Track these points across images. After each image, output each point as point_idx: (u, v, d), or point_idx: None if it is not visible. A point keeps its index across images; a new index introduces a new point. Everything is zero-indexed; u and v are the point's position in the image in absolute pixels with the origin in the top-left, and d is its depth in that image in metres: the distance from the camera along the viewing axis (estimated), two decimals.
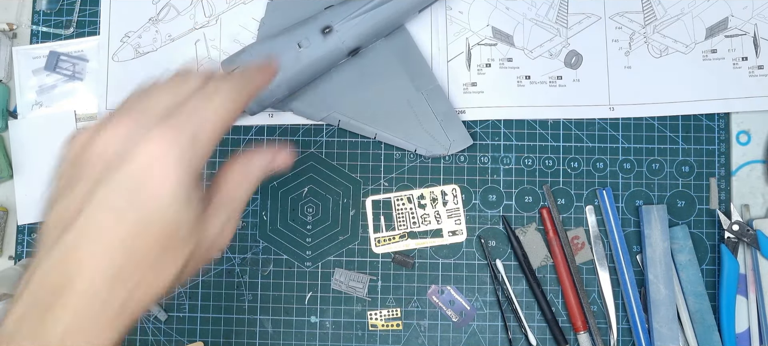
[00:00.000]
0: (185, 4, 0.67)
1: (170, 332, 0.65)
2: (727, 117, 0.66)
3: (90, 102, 0.66)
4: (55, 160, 0.38)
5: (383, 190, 0.65)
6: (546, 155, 0.66)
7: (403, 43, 0.65)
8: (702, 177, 0.65)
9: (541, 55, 0.66)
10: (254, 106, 0.62)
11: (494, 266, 0.64)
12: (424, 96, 0.64)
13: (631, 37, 0.66)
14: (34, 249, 0.37)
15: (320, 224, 0.65)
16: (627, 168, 0.65)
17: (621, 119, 0.66)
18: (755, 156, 0.66)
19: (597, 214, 0.65)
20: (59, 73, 0.67)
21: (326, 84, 0.64)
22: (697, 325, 0.63)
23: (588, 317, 0.63)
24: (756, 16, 0.66)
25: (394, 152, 0.66)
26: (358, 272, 0.65)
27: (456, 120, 0.64)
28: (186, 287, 0.65)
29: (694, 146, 0.65)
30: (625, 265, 0.63)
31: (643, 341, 0.62)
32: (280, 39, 0.62)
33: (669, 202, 0.65)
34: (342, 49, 0.62)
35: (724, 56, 0.66)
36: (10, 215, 0.66)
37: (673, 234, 0.63)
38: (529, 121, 0.66)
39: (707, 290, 0.63)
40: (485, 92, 0.66)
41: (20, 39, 0.68)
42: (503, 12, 0.67)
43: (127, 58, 0.67)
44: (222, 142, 0.66)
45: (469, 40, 0.66)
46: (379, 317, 0.64)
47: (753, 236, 0.63)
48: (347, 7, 0.62)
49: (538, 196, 0.65)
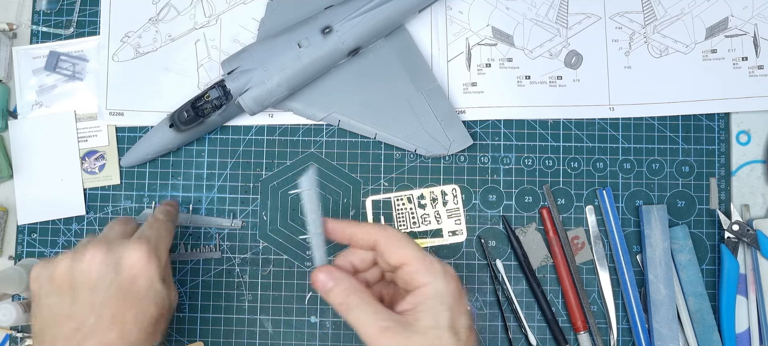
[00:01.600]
0: (185, 4, 0.67)
1: (170, 332, 0.65)
2: (727, 117, 0.66)
3: (90, 102, 0.66)
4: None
5: (383, 190, 0.65)
6: (546, 155, 0.66)
7: (403, 43, 0.65)
8: (702, 177, 0.65)
9: (541, 55, 0.66)
10: (254, 107, 0.62)
11: (494, 266, 0.64)
12: (424, 96, 0.64)
13: (631, 37, 0.66)
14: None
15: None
16: (627, 168, 0.65)
17: (621, 119, 0.66)
18: (755, 156, 0.66)
19: (597, 214, 0.65)
20: (59, 73, 0.67)
21: (326, 84, 0.64)
22: (697, 325, 0.63)
23: (588, 317, 0.63)
24: (756, 16, 0.66)
25: (394, 152, 0.66)
26: None
27: (456, 120, 0.64)
28: (186, 287, 0.65)
29: (694, 146, 0.65)
30: (625, 265, 0.63)
31: (643, 341, 0.62)
32: (280, 39, 0.62)
33: (669, 202, 0.65)
34: (342, 49, 0.62)
35: (724, 56, 0.66)
36: (10, 215, 0.66)
37: (673, 234, 0.63)
38: (529, 121, 0.66)
39: (707, 290, 0.63)
40: (485, 92, 0.66)
41: (20, 39, 0.68)
42: (503, 12, 0.67)
43: (127, 58, 0.67)
44: (223, 142, 0.66)
45: (469, 40, 0.66)
46: None
47: (753, 236, 0.63)
48: (347, 7, 0.62)
49: (538, 196, 0.65)
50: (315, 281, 0.49)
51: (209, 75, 0.66)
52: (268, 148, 0.66)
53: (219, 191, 0.66)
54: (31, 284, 0.51)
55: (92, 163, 0.66)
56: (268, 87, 0.61)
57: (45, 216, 0.66)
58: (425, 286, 0.46)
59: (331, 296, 0.48)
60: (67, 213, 0.66)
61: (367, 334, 0.45)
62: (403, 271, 0.47)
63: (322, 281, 0.48)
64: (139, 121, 0.66)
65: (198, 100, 0.62)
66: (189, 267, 0.65)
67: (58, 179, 0.66)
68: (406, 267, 0.47)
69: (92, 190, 0.66)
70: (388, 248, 0.48)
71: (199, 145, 0.66)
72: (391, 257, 0.48)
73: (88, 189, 0.66)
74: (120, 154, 0.66)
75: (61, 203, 0.65)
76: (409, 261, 0.47)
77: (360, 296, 0.47)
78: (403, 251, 0.47)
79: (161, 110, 0.65)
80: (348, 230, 0.50)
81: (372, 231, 0.49)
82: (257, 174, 0.66)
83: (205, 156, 0.66)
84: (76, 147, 0.66)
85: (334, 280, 0.48)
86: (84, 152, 0.66)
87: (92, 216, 0.66)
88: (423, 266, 0.47)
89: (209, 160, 0.66)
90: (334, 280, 0.48)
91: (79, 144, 0.66)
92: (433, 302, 0.46)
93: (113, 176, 0.66)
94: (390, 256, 0.48)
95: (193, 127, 0.62)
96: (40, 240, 0.66)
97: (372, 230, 0.49)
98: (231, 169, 0.66)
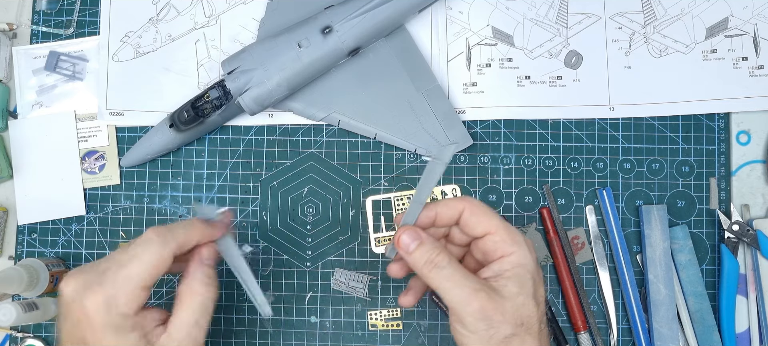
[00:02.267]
0: (185, 4, 0.67)
1: None
2: (727, 117, 0.66)
3: (90, 102, 0.66)
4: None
5: (383, 190, 0.65)
6: (546, 155, 0.66)
7: (403, 43, 0.65)
8: (702, 177, 0.65)
9: (541, 55, 0.66)
10: (254, 107, 0.62)
11: None
12: (424, 96, 0.64)
13: (631, 37, 0.66)
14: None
15: (320, 224, 0.65)
16: (627, 168, 0.65)
17: (621, 119, 0.66)
18: (755, 156, 0.66)
19: (597, 214, 0.65)
20: (59, 73, 0.67)
21: (326, 84, 0.64)
22: (697, 325, 0.63)
23: (588, 317, 0.63)
24: (756, 16, 0.66)
25: (394, 152, 0.66)
26: (358, 272, 0.65)
27: (456, 120, 0.64)
28: None
29: (694, 146, 0.65)
30: (625, 265, 0.63)
31: (643, 341, 0.62)
32: (280, 39, 0.62)
33: (669, 202, 0.65)
34: (342, 49, 0.62)
35: (724, 56, 0.66)
36: (10, 215, 0.66)
37: (673, 234, 0.63)
38: (529, 121, 0.66)
39: (707, 290, 0.63)
40: (485, 92, 0.66)
41: (20, 39, 0.68)
42: (503, 12, 0.67)
43: (127, 58, 0.67)
44: (224, 142, 0.66)
45: (469, 40, 0.66)
46: (379, 317, 0.64)
47: (753, 236, 0.63)
48: (347, 7, 0.62)
49: (538, 196, 0.65)
50: (397, 240, 0.49)
51: (209, 75, 0.66)
52: (268, 148, 0.66)
53: (219, 191, 0.66)
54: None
55: (92, 164, 0.66)
56: (268, 87, 0.61)
57: (45, 216, 0.66)
58: (511, 255, 0.48)
59: (417, 254, 0.48)
60: (67, 213, 0.66)
61: (457, 294, 0.46)
62: (487, 240, 0.49)
63: (406, 242, 0.49)
64: (139, 121, 0.66)
65: (198, 100, 0.62)
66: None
67: (58, 179, 0.66)
68: (491, 236, 0.48)
69: (92, 190, 0.66)
70: (473, 218, 0.49)
71: (199, 145, 0.66)
72: (477, 227, 0.49)
73: (88, 189, 0.66)
74: (120, 154, 0.66)
75: (61, 203, 0.65)
76: (494, 230, 0.48)
77: (449, 256, 0.48)
78: (488, 220, 0.48)
79: (161, 110, 0.65)
80: (431, 213, 0.50)
81: (457, 204, 0.49)
82: (257, 174, 0.66)
83: (205, 156, 0.66)
84: (76, 147, 0.66)
85: (419, 239, 0.48)
86: (84, 152, 0.66)
87: (92, 216, 0.66)
88: (508, 236, 0.48)
89: (209, 160, 0.66)
90: (420, 239, 0.48)
91: (79, 144, 0.66)
92: (518, 270, 0.47)
93: (113, 176, 0.66)
94: (475, 226, 0.49)
95: (193, 127, 0.62)
96: (40, 240, 0.66)
97: (456, 203, 0.50)
98: (231, 169, 0.66)
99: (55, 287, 0.63)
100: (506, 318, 0.46)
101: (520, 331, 0.46)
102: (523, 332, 0.46)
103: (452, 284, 0.47)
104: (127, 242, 0.52)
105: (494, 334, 0.46)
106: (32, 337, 0.64)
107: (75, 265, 0.65)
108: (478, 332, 0.46)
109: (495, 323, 0.46)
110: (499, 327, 0.46)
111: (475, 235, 0.50)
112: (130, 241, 0.50)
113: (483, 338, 0.46)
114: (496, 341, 0.46)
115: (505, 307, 0.46)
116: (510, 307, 0.46)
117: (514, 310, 0.46)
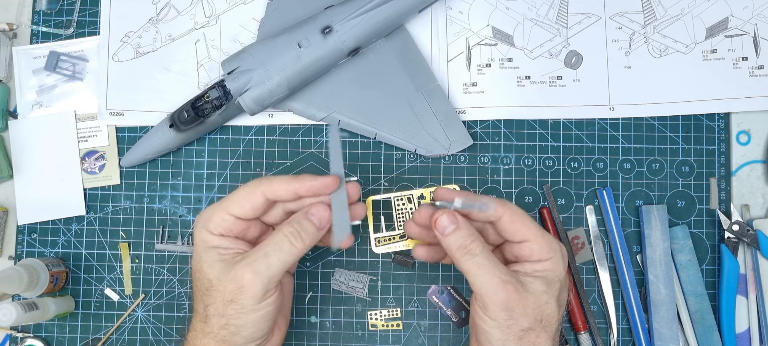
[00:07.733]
0: (185, 4, 0.67)
1: (170, 332, 0.65)
2: (727, 117, 0.66)
3: (90, 102, 0.66)
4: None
5: (383, 190, 0.65)
6: (546, 155, 0.66)
7: (403, 43, 0.65)
8: (702, 177, 0.65)
9: (541, 55, 0.66)
10: (254, 107, 0.62)
11: None
12: (424, 96, 0.64)
13: (631, 37, 0.66)
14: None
15: None
16: (627, 168, 0.65)
17: (621, 119, 0.66)
18: (755, 156, 0.66)
19: (597, 214, 0.65)
20: (59, 73, 0.67)
21: (326, 84, 0.64)
22: (697, 325, 0.63)
23: (588, 317, 0.63)
24: (756, 16, 0.66)
25: (394, 152, 0.66)
26: (358, 272, 0.65)
27: (456, 120, 0.64)
28: (186, 287, 0.65)
29: (694, 146, 0.65)
30: (625, 265, 0.63)
31: (643, 341, 0.62)
32: (280, 39, 0.62)
33: (669, 202, 0.65)
34: (342, 49, 0.62)
35: (724, 56, 0.66)
36: (10, 215, 0.66)
37: (673, 234, 0.63)
38: (529, 121, 0.66)
39: (707, 290, 0.63)
40: (485, 92, 0.66)
41: (20, 39, 0.68)
42: (503, 12, 0.67)
43: (127, 58, 0.67)
44: (224, 142, 0.66)
45: (469, 40, 0.66)
46: (379, 317, 0.64)
47: (753, 236, 0.63)
48: (347, 7, 0.62)
49: (538, 196, 0.65)
50: (435, 222, 0.51)
51: (209, 75, 0.66)
52: (268, 148, 0.66)
53: (219, 191, 0.66)
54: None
55: (92, 164, 0.66)
56: (268, 87, 0.61)
57: (45, 216, 0.66)
58: (545, 261, 0.50)
59: (453, 238, 0.50)
60: (67, 213, 0.66)
61: (486, 282, 0.49)
62: (523, 246, 0.51)
63: (444, 224, 0.51)
64: (139, 121, 0.66)
65: (198, 100, 0.62)
66: (189, 267, 0.65)
67: (58, 179, 0.66)
68: (529, 244, 0.51)
69: (92, 190, 0.66)
70: (513, 226, 0.51)
71: (199, 145, 0.66)
72: (516, 234, 0.51)
73: (88, 189, 0.66)
74: (120, 154, 0.66)
75: (61, 203, 0.65)
76: (532, 239, 0.51)
77: (482, 245, 0.50)
78: (527, 229, 0.51)
79: (161, 110, 0.66)
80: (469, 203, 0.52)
81: (498, 210, 0.51)
82: (257, 174, 0.66)
83: (205, 156, 0.66)
84: (76, 147, 0.66)
85: (456, 223, 0.51)
86: (84, 152, 0.66)
87: (92, 216, 0.66)
88: (546, 245, 0.51)
89: (209, 160, 0.66)
90: (458, 223, 0.51)
91: (79, 144, 0.66)
92: (548, 274, 0.50)
93: (113, 176, 0.66)
94: (514, 233, 0.51)
95: (193, 127, 0.62)
96: (40, 240, 0.66)
97: (497, 208, 0.51)
98: (231, 170, 0.66)
99: (55, 287, 0.63)
100: (527, 312, 0.48)
101: (537, 326, 0.49)
102: (540, 328, 0.49)
103: (482, 272, 0.49)
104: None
105: (513, 325, 0.48)
106: (32, 337, 0.64)
107: (75, 265, 0.65)
108: (498, 319, 0.48)
109: (516, 315, 0.48)
110: (519, 319, 0.48)
111: (512, 240, 0.52)
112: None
113: (502, 326, 0.48)
114: (513, 331, 0.48)
115: (528, 301, 0.49)
116: (532, 302, 0.49)
117: (536, 306, 0.49)
